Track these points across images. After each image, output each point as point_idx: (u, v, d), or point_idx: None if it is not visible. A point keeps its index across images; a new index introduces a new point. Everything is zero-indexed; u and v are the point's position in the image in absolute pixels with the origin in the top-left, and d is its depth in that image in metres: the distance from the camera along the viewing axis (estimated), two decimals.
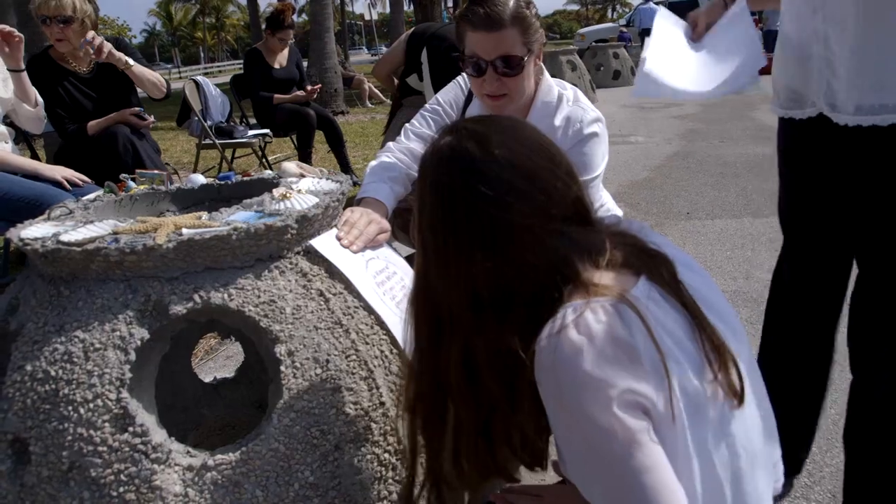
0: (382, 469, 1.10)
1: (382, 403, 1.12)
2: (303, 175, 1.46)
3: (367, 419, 1.10)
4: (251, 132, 5.04)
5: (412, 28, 3.65)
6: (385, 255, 1.33)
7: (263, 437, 1.03)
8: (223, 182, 1.51)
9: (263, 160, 5.23)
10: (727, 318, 0.90)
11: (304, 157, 4.87)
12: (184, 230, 1.09)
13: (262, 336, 1.09)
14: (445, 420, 0.96)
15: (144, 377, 1.06)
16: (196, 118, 4.77)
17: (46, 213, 1.29)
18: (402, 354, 1.20)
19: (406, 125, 1.78)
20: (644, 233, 0.95)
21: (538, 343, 0.80)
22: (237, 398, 1.69)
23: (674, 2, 12.09)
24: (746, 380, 0.85)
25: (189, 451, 1.03)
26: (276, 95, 4.86)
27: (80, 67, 2.89)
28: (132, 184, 1.49)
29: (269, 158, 5.48)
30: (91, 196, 1.42)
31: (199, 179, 1.51)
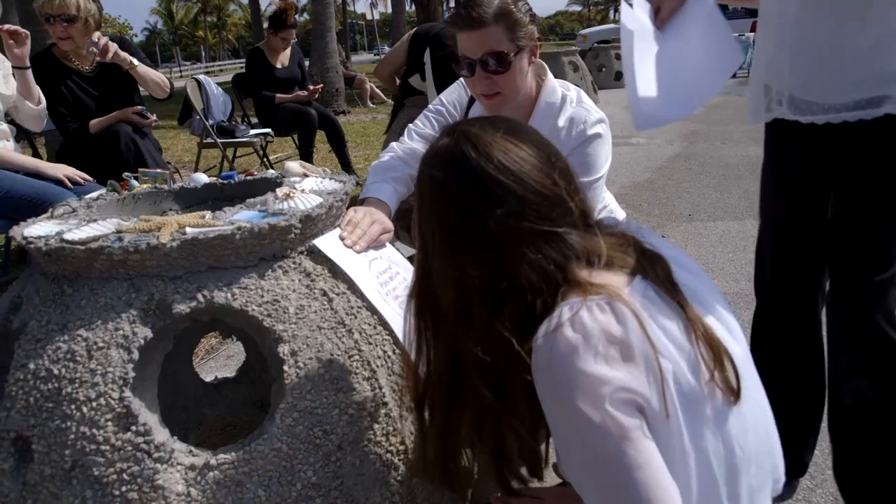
0: (385, 469, 1.10)
1: (385, 404, 1.12)
2: (306, 175, 1.46)
3: (370, 419, 1.10)
4: (253, 131, 5.04)
5: (414, 28, 3.65)
6: (388, 256, 1.33)
7: (266, 437, 1.03)
8: (226, 181, 1.51)
9: (265, 159, 5.23)
10: (723, 318, 0.90)
11: (306, 157, 4.87)
12: (187, 229, 1.09)
13: (266, 336, 1.09)
14: (445, 415, 0.97)
15: (147, 376, 1.06)
16: (198, 117, 4.77)
17: (49, 212, 1.29)
18: (405, 355, 1.20)
19: (409, 125, 1.79)
20: (641, 233, 0.96)
21: (535, 342, 0.81)
22: (238, 398, 1.69)
23: None
24: (742, 378, 0.86)
25: (191, 451, 1.03)
26: (278, 95, 4.86)
27: (83, 66, 2.89)
28: (135, 182, 1.49)
29: (271, 158, 5.47)
30: (94, 195, 1.41)
31: (202, 178, 1.51)
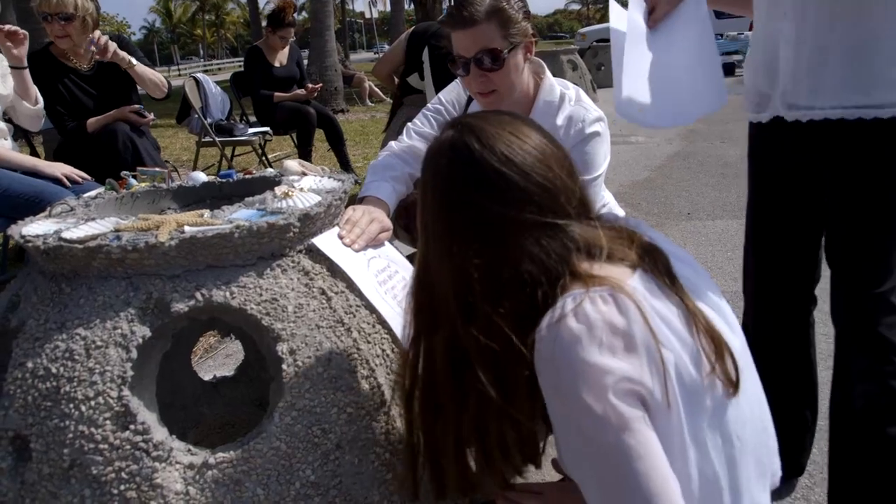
0: (384, 468, 1.10)
1: (384, 403, 1.12)
2: (305, 173, 1.46)
3: (369, 418, 1.10)
4: (251, 130, 5.03)
5: (412, 27, 3.64)
6: (387, 254, 1.33)
7: (265, 436, 1.03)
8: (224, 180, 1.50)
9: (263, 158, 5.22)
10: (721, 311, 0.91)
11: (304, 156, 4.87)
12: (186, 228, 1.09)
13: (264, 334, 1.09)
14: (441, 411, 0.96)
15: (146, 375, 1.06)
16: (196, 116, 4.76)
17: (48, 210, 1.28)
18: (402, 352, 1.20)
19: (408, 124, 1.79)
20: (640, 229, 0.96)
21: (538, 333, 0.81)
22: (237, 396, 1.69)
23: None
24: (741, 370, 0.87)
25: (190, 450, 1.03)
26: (277, 93, 4.85)
27: (81, 64, 2.88)
28: (133, 181, 1.49)
29: (269, 156, 5.47)
30: (92, 193, 1.41)
31: (201, 177, 1.51)
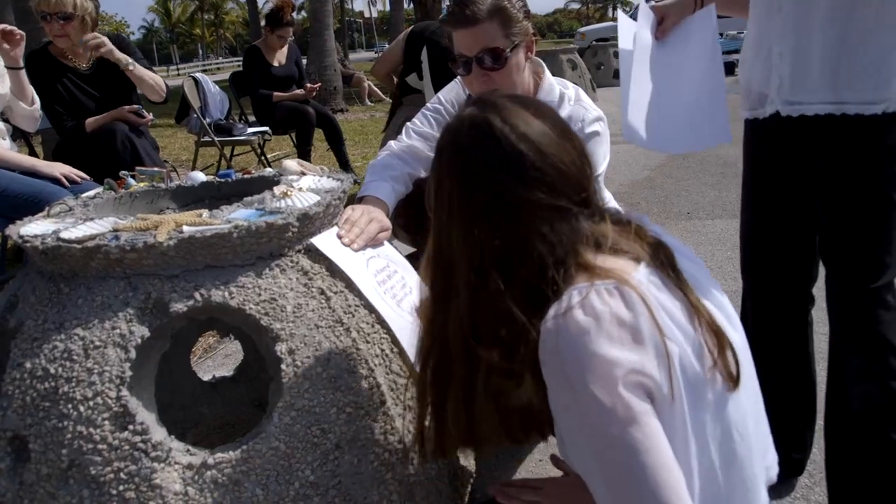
0: (383, 468, 1.10)
1: (383, 402, 1.12)
2: (304, 173, 1.46)
3: (368, 418, 1.10)
4: (250, 130, 5.03)
5: (411, 27, 3.64)
6: (386, 254, 1.33)
7: (264, 436, 1.03)
8: (223, 180, 1.50)
9: (262, 158, 5.22)
10: (722, 306, 0.92)
11: (304, 155, 4.86)
12: (184, 228, 1.09)
13: (263, 334, 1.09)
14: (451, 376, 0.96)
15: (144, 375, 1.06)
16: (195, 115, 4.75)
17: (46, 210, 1.28)
18: (403, 353, 1.20)
19: (407, 124, 1.78)
20: (643, 223, 0.97)
21: (544, 324, 0.82)
22: (236, 397, 1.69)
23: None
24: (741, 365, 0.87)
25: (189, 450, 1.03)
26: (276, 93, 4.85)
27: (80, 64, 2.88)
28: (132, 181, 1.48)
29: (268, 156, 5.46)
30: (91, 193, 1.41)
31: (200, 177, 1.50)
